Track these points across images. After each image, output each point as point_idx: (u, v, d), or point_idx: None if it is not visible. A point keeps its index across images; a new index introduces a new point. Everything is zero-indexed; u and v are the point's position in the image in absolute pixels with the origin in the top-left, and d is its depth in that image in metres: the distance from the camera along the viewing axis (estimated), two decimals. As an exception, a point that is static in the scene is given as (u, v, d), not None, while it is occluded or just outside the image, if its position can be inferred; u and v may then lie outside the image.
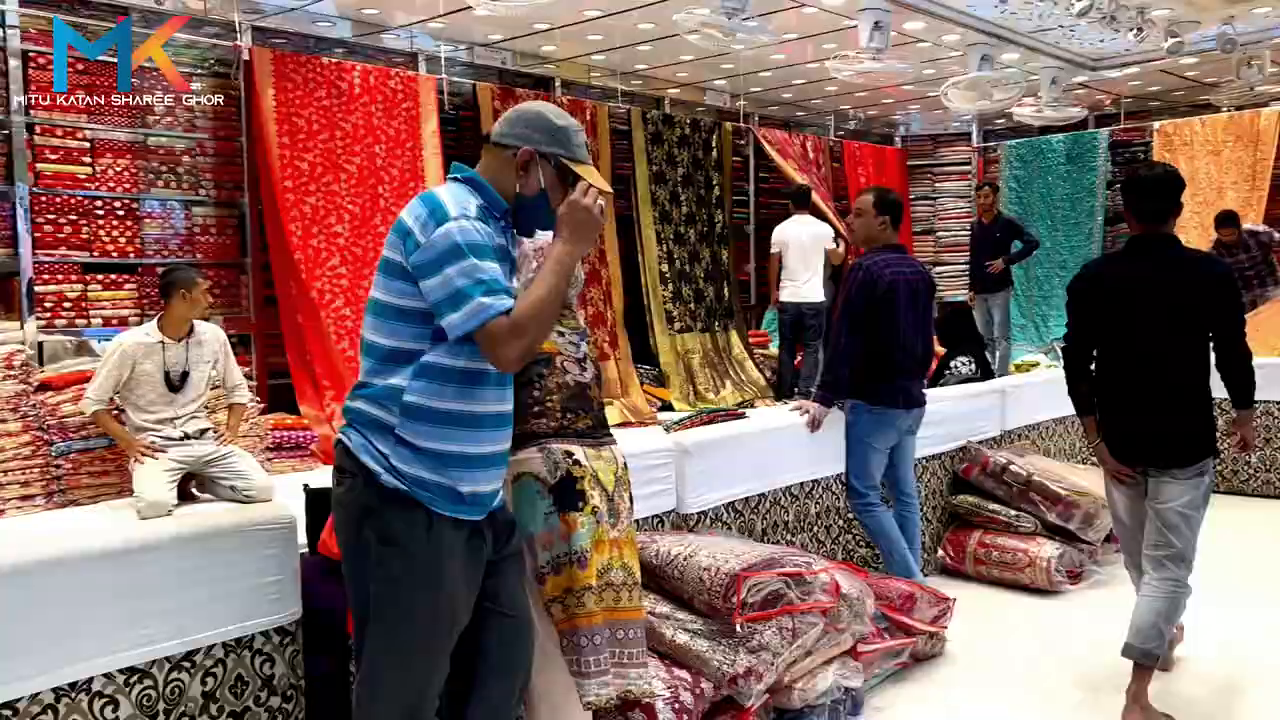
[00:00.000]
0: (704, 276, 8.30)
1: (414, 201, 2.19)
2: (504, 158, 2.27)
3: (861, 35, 6.20)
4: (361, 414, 2.16)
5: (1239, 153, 9.01)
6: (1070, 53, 7.91)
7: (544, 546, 2.57)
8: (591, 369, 2.75)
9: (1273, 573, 4.98)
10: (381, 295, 2.17)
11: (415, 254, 2.10)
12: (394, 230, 2.17)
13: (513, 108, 2.36)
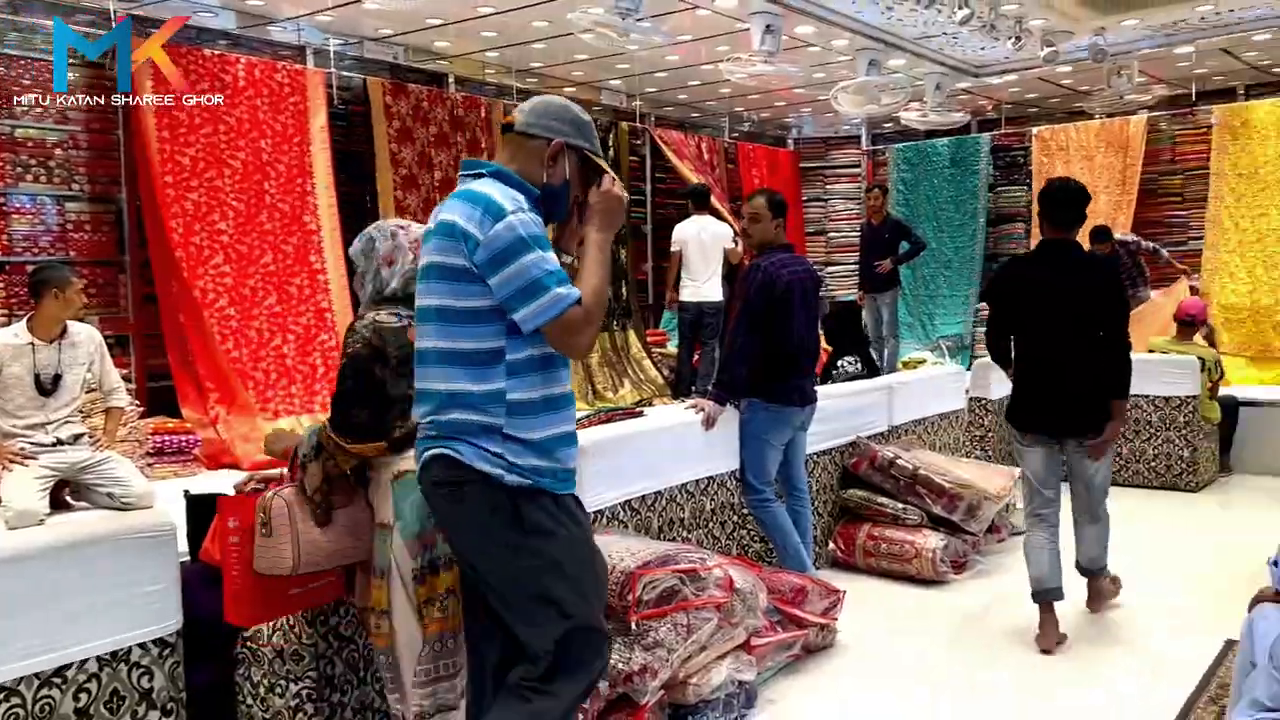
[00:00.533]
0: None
1: (457, 203, 2.20)
2: (530, 148, 2.30)
3: (754, 38, 6.31)
4: (463, 424, 2.18)
5: (1110, 158, 9.45)
6: (954, 59, 8.19)
7: (427, 546, 2.51)
8: None
9: (1145, 556, 5.24)
10: (451, 301, 2.18)
11: (478, 252, 2.13)
12: (441, 235, 2.18)
13: (533, 99, 2.38)
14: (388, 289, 2.64)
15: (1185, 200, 9.28)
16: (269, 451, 2.72)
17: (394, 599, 2.50)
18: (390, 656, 2.54)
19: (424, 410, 2.24)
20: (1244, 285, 8.63)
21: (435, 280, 2.20)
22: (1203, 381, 6.69)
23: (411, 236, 2.65)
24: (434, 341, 2.22)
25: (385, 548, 2.53)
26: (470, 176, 2.29)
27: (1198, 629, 4.10)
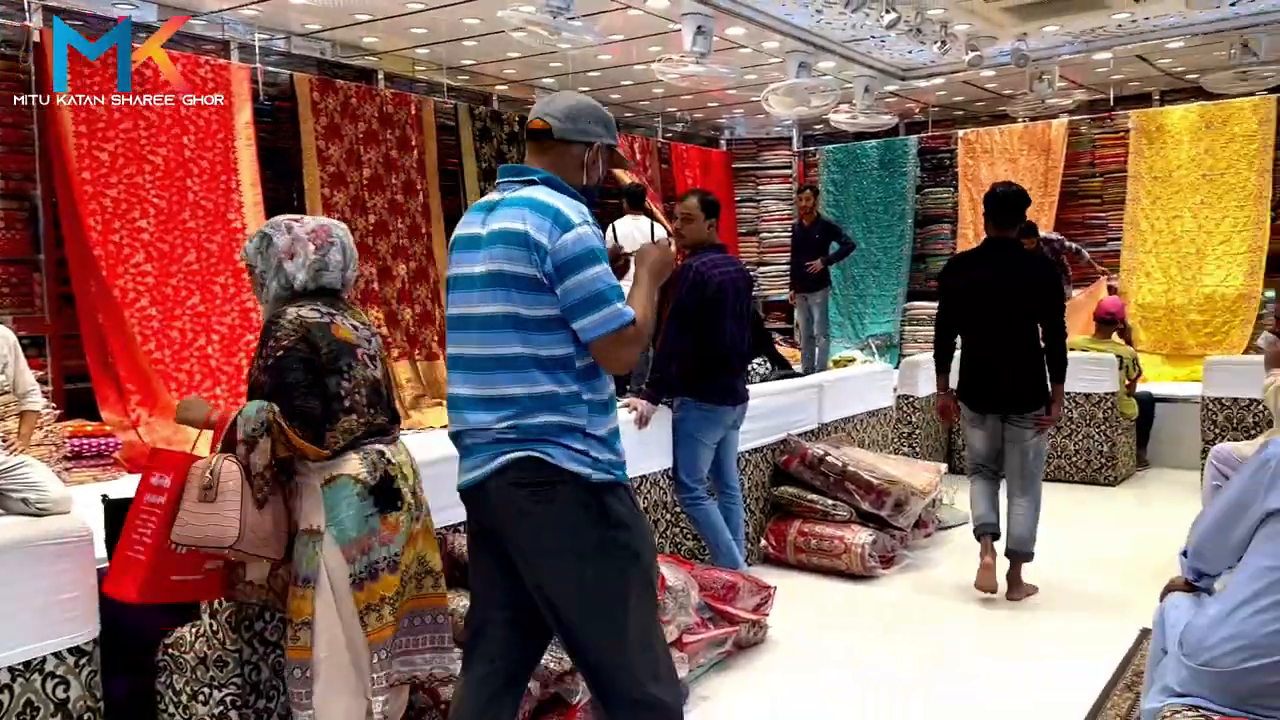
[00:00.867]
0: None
1: (521, 211, 2.25)
2: (570, 153, 2.39)
3: (685, 39, 6.34)
4: (550, 426, 2.24)
5: (1033, 161, 9.68)
6: (882, 62, 8.31)
7: (362, 551, 2.49)
8: (381, 367, 2.71)
9: (1066, 548, 5.38)
10: (523, 310, 2.23)
11: (547, 262, 2.21)
12: (510, 243, 2.23)
13: (559, 101, 2.41)
14: (296, 282, 2.58)
15: (1104, 202, 9.54)
16: (181, 420, 2.56)
17: (319, 609, 2.46)
18: (306, 670, 2.48)
19: (500, 415, 2.25)
20: (1159, 285, 8.92)
21: (501, 288, 2.25)
22: (1121, 379, 6.90)
23: (307, 229, 2.63)
24: (512, 348, 2.25)
25: (312, 555, 2.47)
26: (521, 183, 2.34)
27: (1115, 618, 4.22)
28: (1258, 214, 8.53)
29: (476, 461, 2.30)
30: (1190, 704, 2.31)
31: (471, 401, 2.30)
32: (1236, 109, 8.66)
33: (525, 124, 2.56)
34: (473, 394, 2.30)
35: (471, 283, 2.30)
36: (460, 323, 2.34)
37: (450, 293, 2.39)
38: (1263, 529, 2.30)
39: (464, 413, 2.32)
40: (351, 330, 2.61)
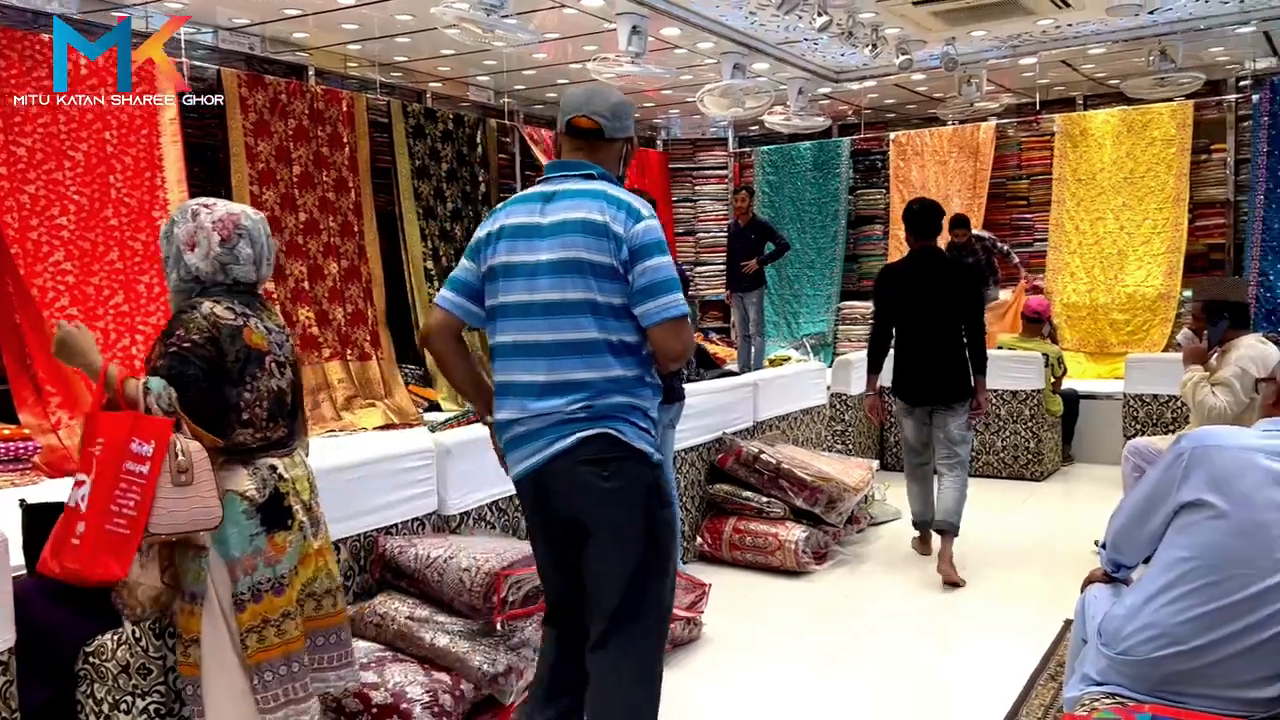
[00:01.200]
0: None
1: (596, 203, 2.35)
2: (613, 149, 2.50)
3: (620, 39, 6.35)
4: (624, 405, 2.36)
5: (962, 163, 9.88)
6: (815, 65, 8.42)
7: (246, 571, 2.39)
8: (290, 373, 2.57)
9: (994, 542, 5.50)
10: (599, 296, 2.33)
11: (623, 250, 2.31)
12: (586, 232, 2.33)
13: (600, 98, 2.48)
14: (202, 275, 2.46)
15: (1031, 204, 9.78)
16: (61, 352, 2.35)
17: (206, 627, 2.38)
18: (196, 688, 2.41)
19: (571, 399, 2.33)
20: (1083, 285, 9.15)
21: (579, 275, 2.33)
22: (1046, 376, 7.07)
23: (215, 216, 2.46)
24: (587, 333, 2.33)
25: (199, 571, 2.39)
26: (581, 177, 2.43)
27: (1041, 609, 4.32)
28: (1176, 216, 8.81)
29: (537, 446, 2.36)
30: (1108, 691, 2.37)
31: (535, 387, 2.36)
32: (1156, 114, 8.94)
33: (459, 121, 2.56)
34: (535, 380, 2.36)
35: (535, 270, 2.36)
36: (522, 310, 2.38)
37: (500, 280, 2.41)
38: (1176, 521, 2.38)
39: (525, 399, 2.37)
40: (264, 334, 2.49)
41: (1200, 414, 4.10)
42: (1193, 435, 2.42)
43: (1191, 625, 2.26)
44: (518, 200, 2.47)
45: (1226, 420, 3.95)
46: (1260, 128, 8.41)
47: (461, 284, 2.51)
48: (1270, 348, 4.13)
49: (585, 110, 2.45)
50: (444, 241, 7.95)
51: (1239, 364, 4.03)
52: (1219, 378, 4.09)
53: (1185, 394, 4.26)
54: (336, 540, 3.30)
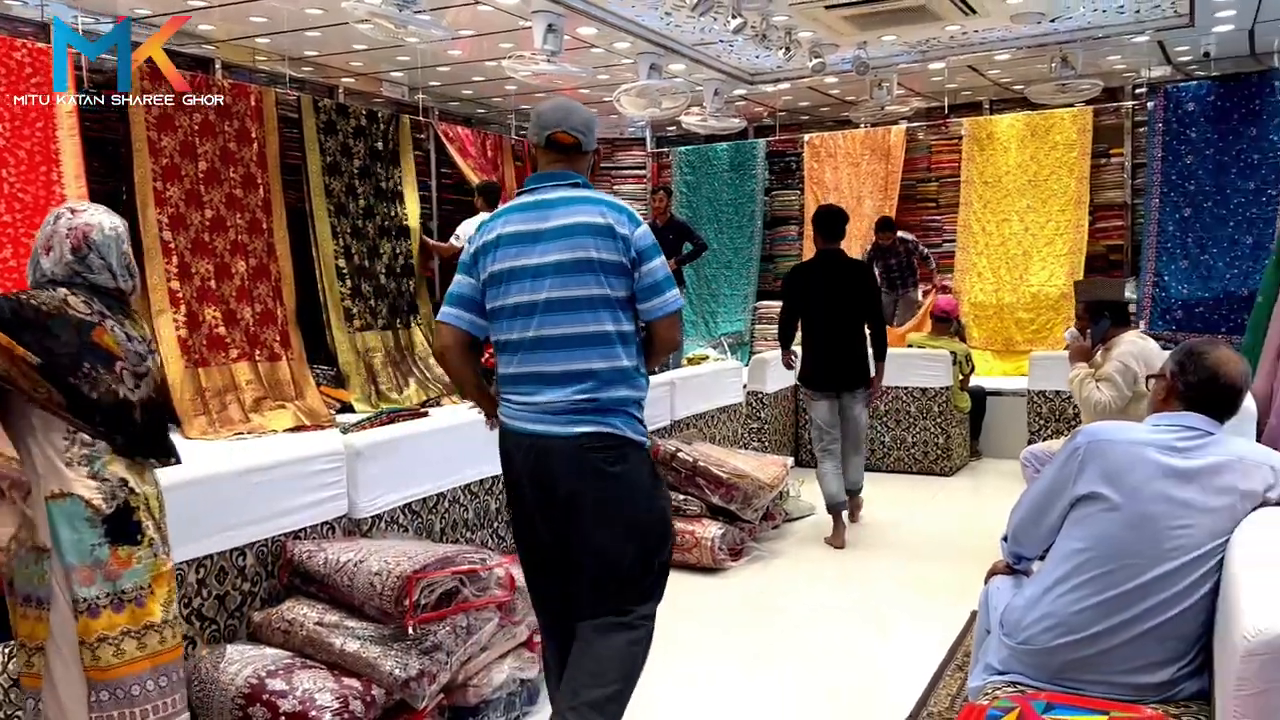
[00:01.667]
0: (385, 272, 8.09)
1: (599, 208, 2.61)
2: (586, 160, 2.76)
3: (536, 37, 6.31)
4: (627, 399, 2.62)
5: (874, 165, 10.06)
6: (730, 66, 8.48)
7: (84, 582, 2.29)
8: (146, 389, 2.45)
9: (904, 536, 5.61)
10: (613, 291, 2.59)
11: (631, 249, 2.59)
12: (594, 234, 2.57)
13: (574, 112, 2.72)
14: (58, 279, 2.39)
15: (940, 205, 10.00)
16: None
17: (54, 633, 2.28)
18: (38, 701, 2.30)
19: (579, 387, 2.56)
20: (990, 284, 9.41)
21: (591, 273, 2.57)
22: (955, 374, 7.24)
23: (71, 224, 2.41)
24: (595, 326, 2.57)
25: (43, 574, 2.30)
26: (569, 186, 2.67)
27: (949, 601, 4.43)
28: (1077, 218, 9.11)
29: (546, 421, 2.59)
30: (1010, 680, 2.44)
31: (548, 378, 2.59)
32: (1058, 119, 9.22)
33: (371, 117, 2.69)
34: (549, 370, 2.59)
35: (539, 271, 2.59)
36: (529, 309, 2.60)
37: (504, 284, 2.63)
38: (1072, 513, 2.46)
39: (542, 389, 2.60)
40: (120, 340, 2.40)
41: (1088, 409, 4.29)
42: (1087, 431, 2.51)
43: (1087, 614, 2.34)
44: (512, 210, 2.68)
45: (1112, 413, 4.14)
46: (1155, 134, 8.74)
47: (464, 299, 2.71)
48: (1149, 343, 4.38)
49: (565, 126, 2.68)
50: (356, 240, 7.80)
51: (1120, 359, 4.23)
52: (1103, 374, 4.27)
53: (1073, 390, 4.45)
54: (243, 544, 3.23)
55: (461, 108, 9.88)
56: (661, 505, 2.75)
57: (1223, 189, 8.43)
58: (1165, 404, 2.58)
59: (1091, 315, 4.48)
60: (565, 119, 2.69)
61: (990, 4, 6.74)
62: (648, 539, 2.68)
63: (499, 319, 2.66)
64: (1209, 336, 7.81)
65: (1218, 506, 2.29)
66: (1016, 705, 1.72)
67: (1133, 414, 4.14)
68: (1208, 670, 2.28)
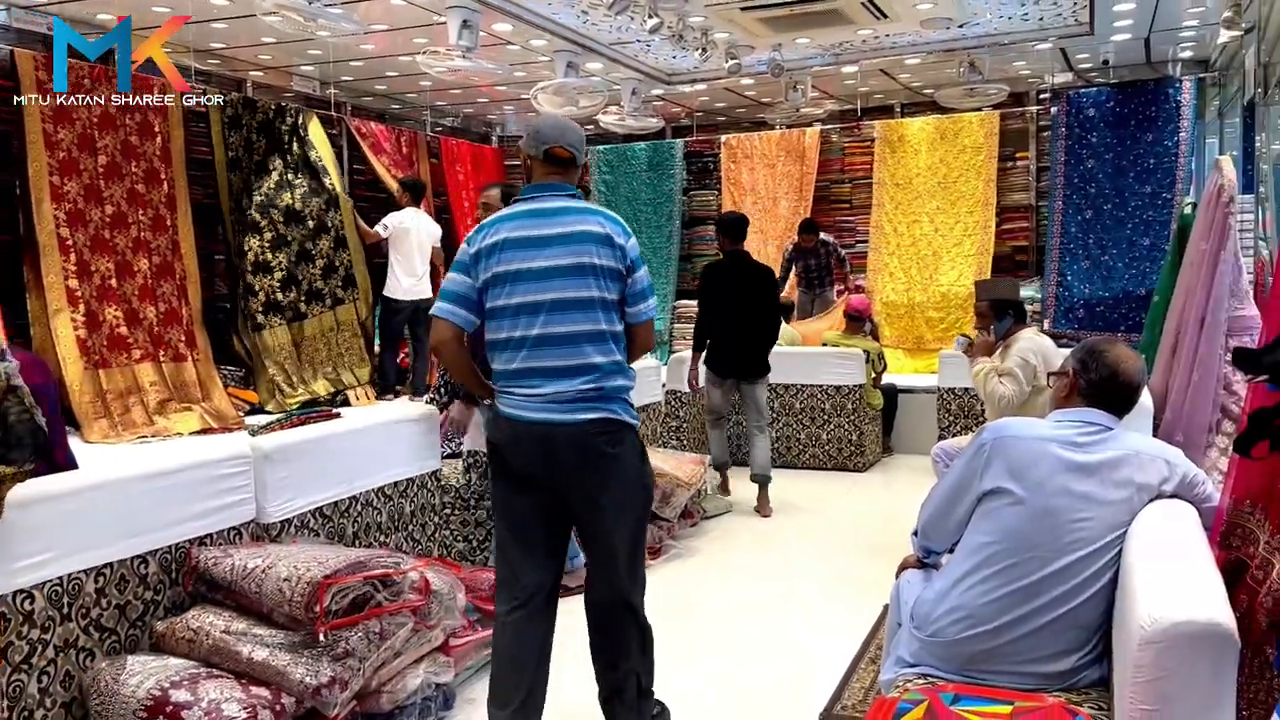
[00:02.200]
0: (295, 268, 7.88)
1: (597, 218, 2.89)
2: (576, 173, 2.99)
3: (450, 33, 6.24)
4: (622, 388, 2.91)
5: (789, 166, 10.19)
6: (648, 66, 8.51)
7: None
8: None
9: (819, 532, 5.69)
10: (609, 294, 2.87)
11: (626, 257, 2.90)
12: (596, 242, 2.85)
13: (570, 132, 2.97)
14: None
15: (853, 206, 10.18)
16: None
17: None
18: None
19: (585, 379, 2.83)
20: (901, 284, 9.60)
21: (593, 277, 2.84)
22: (868, 372, 7.38)
23: None
24: (594, 325, 2.84)
25: None
26: (567, 196, 2.92)
27: (862, 595, 4.51)
28: (984, 219, 9.35)
29: (555, 410, 2.81)
30: (920, 672, 2.49)
31: (553, 371, 2.82)
32: (966, 122, 9.46)
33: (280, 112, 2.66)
34: (554, 365, 2.82)
35: (547, 274, 2.82)
36: (533, 308, 2.83)
37: (508, 285, 2.85)
38: (979, 508, 2.52)
39: (549, 380, 2.82)
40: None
41: (992, 403, 4.49)
42: (993, 427, 2.58)
43: (994, 606, 2.40)
44: (515, 216, 2.90)
45: (1015, 406, 4.35)
46: (1058, 138, 9.03)
47: (461, 297, 2.90)
48: (1046, 339, 4.60)
49: (561, 142, 2.93)
50: (265, 235, 7.57)
51: (1020, 355, 4.43)
52: (1004, 369, 4.47)
53: (977, 385, 4.63)
54: (145, 551, 3.12)
55: (375, 103, 9.72)
56: (648, 482, 3.03)
57: (1121, 192, 8.75)
58: (1067, 400, 2.66)
59: (996, 313, 4.67)
60: (561, 136, 2.94)
61: (901, 9, 6.88)
62: (636, 509, 2.96)
63: (500, 317, 2.86)
64: (1108, 335, 8.12)
65: (1116, 499, 2.37)
66: (925, 698, 1.75)
67: (1032, 408, 4.32)
68: (1107, 658, 2.35)
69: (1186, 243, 5.10)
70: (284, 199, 7.53)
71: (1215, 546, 2.23)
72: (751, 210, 10.26)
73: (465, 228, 10.14)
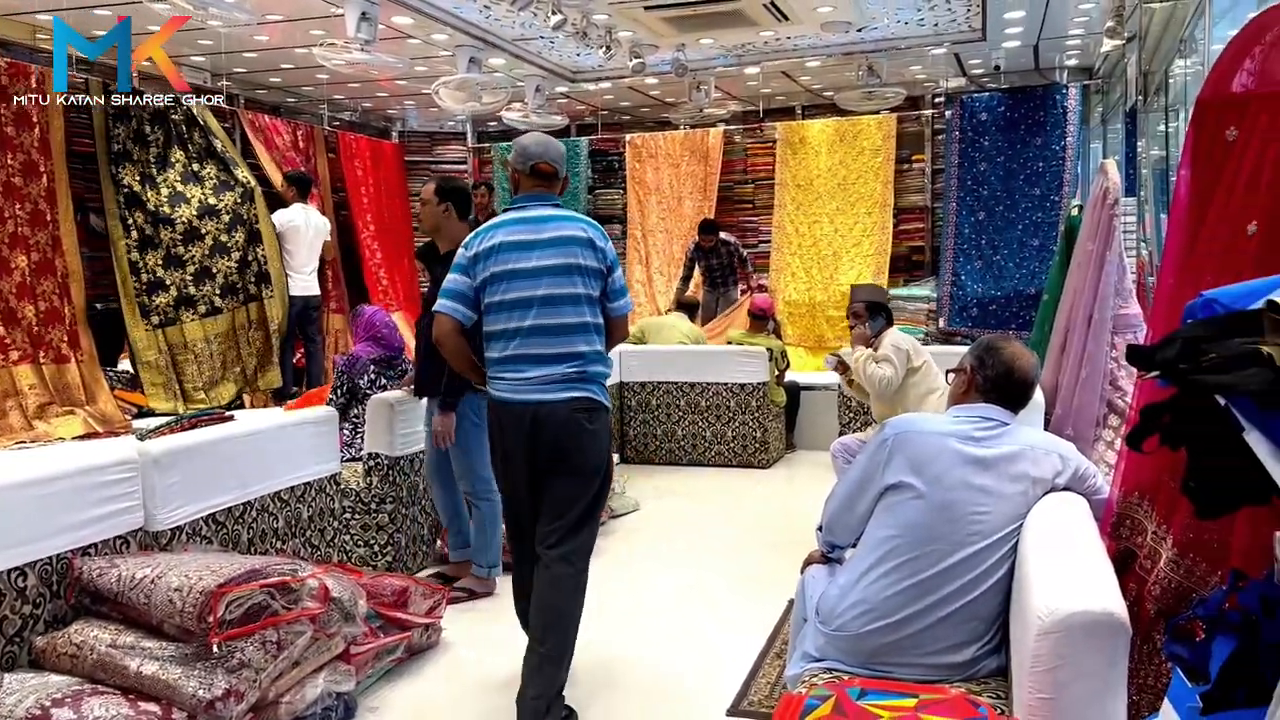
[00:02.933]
0: (189, 264, 7.59)
1: (580, 224, 3.32)
2: (559, 184, 3.41)
3: (348, 25, 6.09)
4: (602, 373, 3.33)
5: (694, 166, 10.26)
6: (552, 63, 8.46)
7: None
8: None
9: (724, 528, 5.74)
10: (592, 291, 3.29)
11: (606, 259, 3.32)
12: (580, 245, 3.27)
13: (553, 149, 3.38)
14: None
15: (756, 207, 10.30)
16: None
17: None
18: None
19: (571, 365, 3.23)
20: (802, 284, 9.76)
21: (579, 275, 3.25)
22: (771, 369, 7.46)
23: None
24: (579, 318, 3.25)
25: None
26: (553, 206, 3.35)
27: (768, 591, 4.55)
28: (883, 220, 9.57)
29: (545, 393, 3.21)
30: (826, 667, 2.52)
31: (542, 358, 3.22)
32: (865, 125, 9.66)
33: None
34: (544, 353, 3.22)
35: (538, 274, 3.22)
36: (526, 303, 3.22)
37: (504, 283, 3.24)
38: (882, 501, 2.56)
39: (537, 366, 3.22)
40: None
41: (873, 384, 4.95)
42: (895, 422, 2.62)
43: (897, 599, 2.44)
44: (508, 223, 3.30)
45: (894, 386, 4.90)
46: (953, 141, 9.29)
47: (460, 295, 3.31)
48: (908, 335, 5.21)
49: (546, 158, 3.35)
50: (155, 230, 7.27)
51: (893, 344, 5.00)
52: (880, 355, 5.00)
53: (856, 369, 5.07)
54: (23, 564, 2.96)
55: (269, 96, 9.43)
56: (610, 457, 3.44)
57: (1012, 194, 9.04)
58: (965, 396, 2.73)
59: (871, 313, 5.25)
60: (546, 152, 3.36)
61: (802, 12, 6.97)
62: (600, 476, 3.34)
63: (497, 311, 3.27)
64: (1002, 333, 8.38)
65: (1012, 493, 2.43)
66: (832, 693, 1.77)
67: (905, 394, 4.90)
68: (1005, 648, 2.41)
69: (1074, 243, 5.30)
70: (194, 192, 7.27)
71: (1106, 537, 2.31)
72: (656, 209, 10.30)
73: (365, 224, 9.93)
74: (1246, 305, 1.24)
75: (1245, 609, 1.39)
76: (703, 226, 8.98)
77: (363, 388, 5.21)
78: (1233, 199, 1.96)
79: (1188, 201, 2.13)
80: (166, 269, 7.14)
